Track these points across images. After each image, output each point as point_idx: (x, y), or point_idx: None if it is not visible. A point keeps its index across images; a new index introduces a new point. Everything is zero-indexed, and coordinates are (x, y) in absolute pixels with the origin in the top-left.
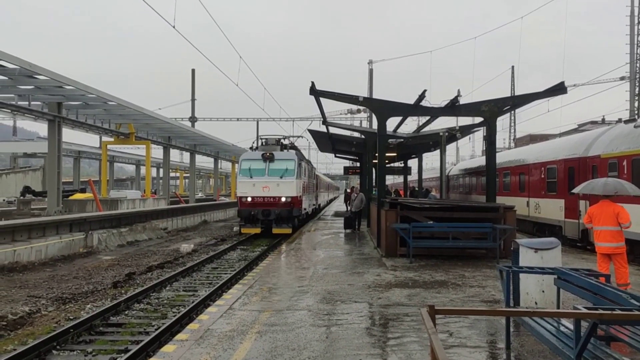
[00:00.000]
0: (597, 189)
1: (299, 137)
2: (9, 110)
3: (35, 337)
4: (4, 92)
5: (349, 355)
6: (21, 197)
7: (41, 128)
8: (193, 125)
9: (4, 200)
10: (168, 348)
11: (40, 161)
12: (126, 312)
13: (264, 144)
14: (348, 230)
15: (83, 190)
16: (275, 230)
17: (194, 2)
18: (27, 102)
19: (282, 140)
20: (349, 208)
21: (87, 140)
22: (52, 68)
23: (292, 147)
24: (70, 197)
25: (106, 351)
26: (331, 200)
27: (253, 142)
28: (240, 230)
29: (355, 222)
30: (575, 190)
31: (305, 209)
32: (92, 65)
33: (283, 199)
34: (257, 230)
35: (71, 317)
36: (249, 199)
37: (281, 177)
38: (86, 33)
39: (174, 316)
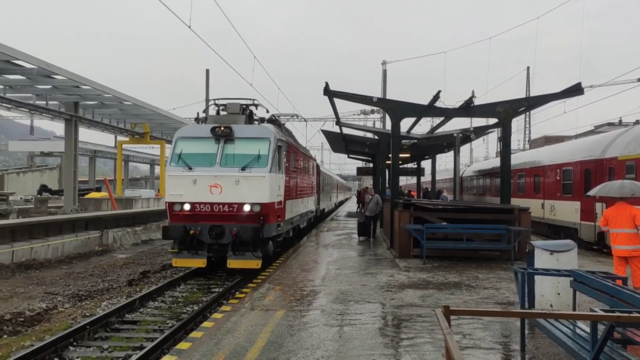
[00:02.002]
0: (614, 191)
1: (292, 116)
2: (27, 110)
3: (52, 334)
4: (22, 91)
5: (363, 355)
6: (38, 196)
7: (58, 127)
8: None
9: (21, 198)
10: (183, 345)
11: (57, 160)
12: (141, 310)
13: (218, 112)
14: (362, 238)
15: (98, 189)
16: (231, 263)
17: (209, 3)
18: (44, 102)
19: (250, 108)
20: (362, 211)
21: (102, 139)
22: (68, 69)
23: (272, 120)
24: (86, 196)
25: (122, 348)
26: (341, 203)
27: (203, 111)
28: (173, 260)
29: (371, 228)
30: (591, 193)
31: (291, 223)
32: (105, 66)
33: (246, 208)
34: (201, 263)
35: (87, 314)
36: (187, 207)
37: (244, 170)
38: (101, 36)
39: (189, 314)
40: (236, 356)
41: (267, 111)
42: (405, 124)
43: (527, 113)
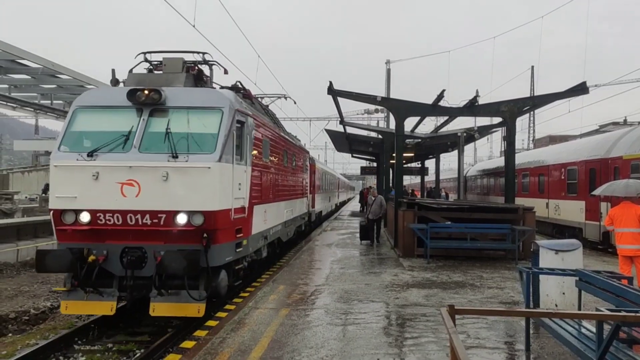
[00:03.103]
0: (619, 190)
1: (278, 96)
2: (32, 109)
3: (57, 332)
4: (27, 90)
5: (367, 355)
6: (43, 195)
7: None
8: None
9: (26, 197)
10: (187, 344)
11: None
12: (146, 308)
13: (151, 69)
14: (365, 242)
15: None
16: (157, 308)
17: (213, 2)
18: (49, 101)
19: (199, 67)
20: (364, 210)
21: None
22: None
23: (237, 88)
24: None
25: (126, 346)
26: (343, 203)
27: (131, 70)
28: (61, 305)
29: (374, 231)
30: (596, 192)
31: (265, 238)
32: (111, 64)
33: (180, 219)
34: (106, 308)
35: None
36: (84, 218)
37: (177, 157)
38: (107, 36)
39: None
40: (240, 355)
41: (226, 72)
42: (409, 123)
43: (532, 112)
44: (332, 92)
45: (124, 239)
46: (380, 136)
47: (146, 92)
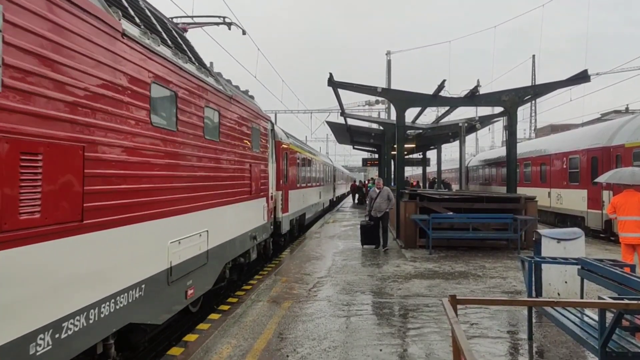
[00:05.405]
0: (625, 178)
1: (217, 22)
2: None
3: None
4: None
5: (369, 346)
6: None
7: None
8: None
9: None
10: (190, 337)
11: None
12: None
13: None
14: (368, 246)
15: None
16: None
17: None
18: None
19: None
20: (363, 204)
21: None
22: None
23: None
24: None
25: None
26: (342, 197)
27: None
28: None
29: (380, 232)
30: (602, 180)
31: None
32: None
33: None
34: None
35: None
36: None
37: None
38: None
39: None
40: (243, 347)
41: None
42: (410, 114)
43: (533, 102)
44: (333, 83)
45: None
46: (381, 127)
47: None
